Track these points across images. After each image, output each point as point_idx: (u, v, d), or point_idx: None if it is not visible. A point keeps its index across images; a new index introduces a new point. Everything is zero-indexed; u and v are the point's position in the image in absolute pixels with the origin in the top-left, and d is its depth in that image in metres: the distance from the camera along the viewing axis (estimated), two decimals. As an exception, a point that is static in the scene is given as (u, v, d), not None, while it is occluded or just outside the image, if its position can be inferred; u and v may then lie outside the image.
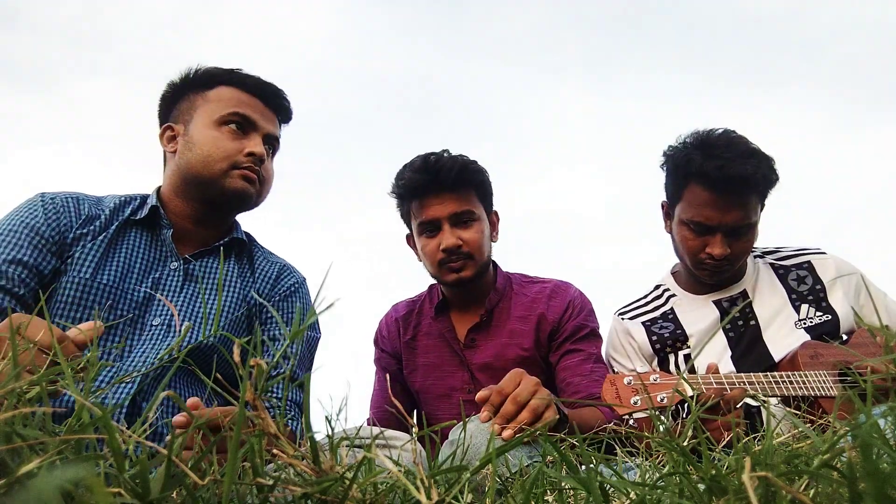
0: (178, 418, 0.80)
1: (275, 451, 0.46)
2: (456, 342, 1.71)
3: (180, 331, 1.21)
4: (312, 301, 1.47)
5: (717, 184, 1.50)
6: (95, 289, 1.17)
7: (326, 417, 0.58)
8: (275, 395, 1.23)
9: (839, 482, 0.41)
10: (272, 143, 1.38)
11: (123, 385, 1.09)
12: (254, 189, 1.31)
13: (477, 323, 1.70)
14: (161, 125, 1.38)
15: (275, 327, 1.34)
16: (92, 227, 1.24)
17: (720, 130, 1.59)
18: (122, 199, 1.33)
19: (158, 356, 1.14)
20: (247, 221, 1.47)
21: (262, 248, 1.48)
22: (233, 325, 1.29)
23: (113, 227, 1.25)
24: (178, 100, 1.37)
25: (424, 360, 1.74)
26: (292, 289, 1.42)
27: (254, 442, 0.45)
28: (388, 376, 1.79)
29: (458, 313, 1.75)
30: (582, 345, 1.63)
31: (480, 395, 1.11)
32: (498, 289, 1.72)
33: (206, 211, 1.32)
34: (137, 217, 1.29)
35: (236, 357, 0.47)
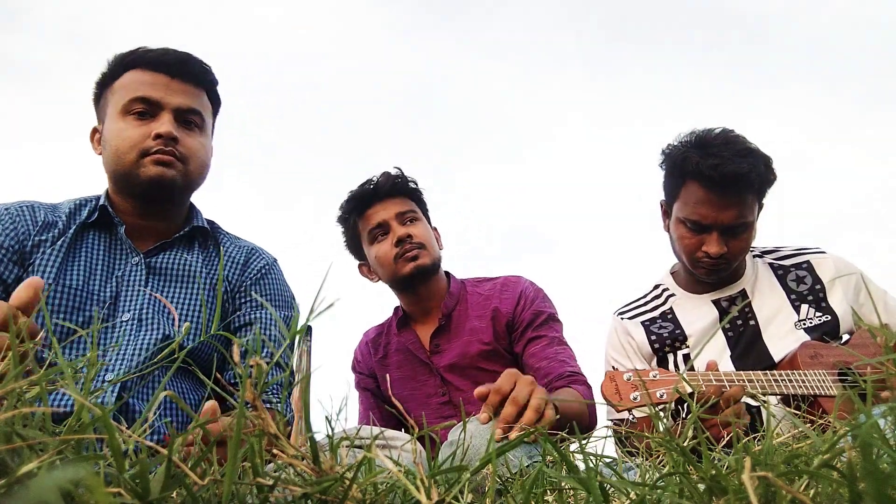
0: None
1: (275, 451, 0.46)
2: (422, 351, 1.77)
3: (164, 322, 1.20)
4: (286, 280, 1.46)
5: (712, 182, 1.50)
6: (60, 292, 1.16)
7: (326, 417, 0.58)
8: (271, 389, 1.23)
9: (839, 482, 0.41)
10: (189, 115, 1.28)
11: (107, 383, 1.08)
12: (173, 171, 1.24)
13: (437, 328, 1.76)
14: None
15: (249, 312, 1.32)
16: (50, 234, 1.23)
17: (718, 129, 1.59)
18: (78, 202, 1.31)
19: (135, 351, 1.14)
20: (243, 219, 1.46)
21: (228, 233, 1.45)
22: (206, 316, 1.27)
23: (71, 231, 1.24)
24: (99, 99, 1.34)
25: (397, 375, 1.80)
26: (263, 271, 1.39)
27: (254, 442, 0.45)
28: (388, 377, 1.81)
29: (419, 324, 1.82)
30: (542, 330, 1.68)
31: (479, 391, 1.12)
32: (453, 293, 1.80)
33: (143, 205, 1.29)
34: (91, 219, 1.27)
35: (236, 357, 0.47)
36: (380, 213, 1.74)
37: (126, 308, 1.20)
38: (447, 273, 1.86)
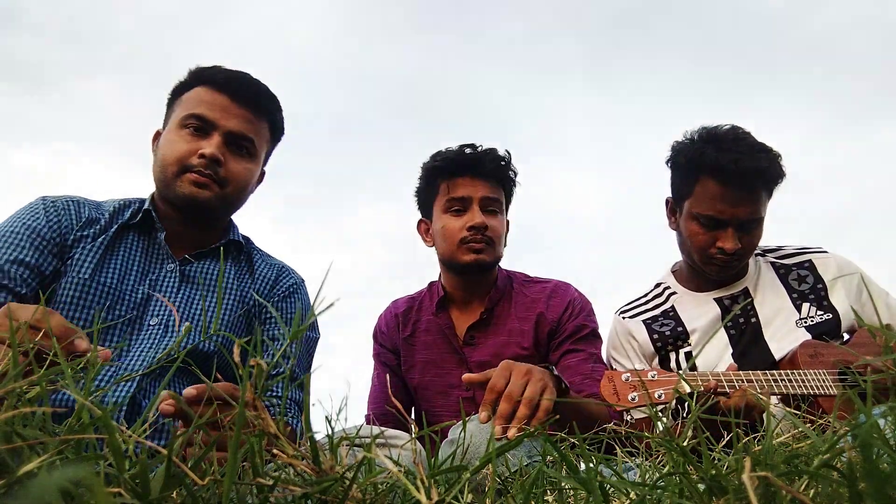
0: (190, 390, 0.77)
1: (275, 451, 0.46)
2: (455, 339, 1.71)
3: (180, 330, 1.22)
4: (311, 302, 1.47)
5: (731, 177, 1.51)
6: (94, 289, 1.19)
7: (326, 417, 0.58)
8: (275, 394, 1.23)
9: (839, 482, 0.41)
10: (240, 140, 1.31)
11: (122, 384, 1.10)
12: (208, 193, 1.26)
13: (477, 321, 1.70)
14: None
15: (274, 328, 1.34)
16: (92, 230, 1.25)
17: (727, 126, 1.60)
18: (122, 202, 1.34)
19: (157, 356, 1.15)
20: (244, 219, 1.47)
21: (261, 250, 1.48)
22: (231, 327, 1.30)
23: (112, 230, 1.27)
24: (169, 107, 1.37)
25: (423, 357, 1.74)
26: (291, 290, 1.42)
27: (254, 442, 0.45)
28: (388, 376, 1.79)
29: (458, 310, 1.75)
30: (582, 345, 1.63)
31: (467, 377, 1.11)
32: (499, 287, 1.73)
33: (184, 214, 1.31)
34: (134, 221, 1.30)
35: (236, 357, 0.47)
36: (468, 186, 1.65)
37: (155, 312, 1.22)
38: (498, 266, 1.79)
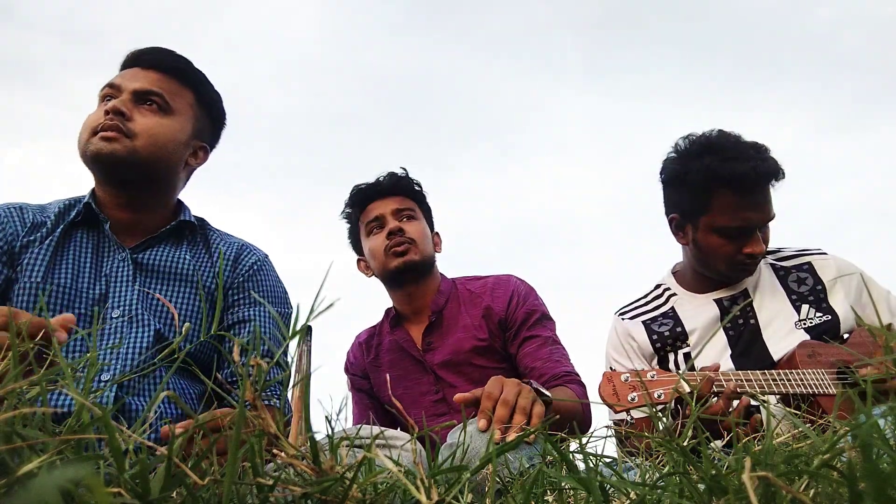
0: (165, 430, 0.78)
1: (275, 451, 0.46)
2: (415, 349, 1.78)
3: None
4: (279, 277, 1.45)
5: (750, 184, 1.51)
6: (50, 291, 1.17)
7: (326, 417, 0.58)
8: (253, 376, 1.22)
9: (839, 482, 0.41)
10: (149, 96, 1.29)
11: (104, 383, 1.09)
12: (116, 145, 1.22)
13: (429, 325, 1.77)
14: None
15: (241, 309, 1.31)
16: (39, 234, 1.24)
17: (714, 132, 1.59)
18: (67, 202, 1.32)
19: (129, 349, 1.14)
20: (245, 219, 1.46)
21: (217, 230, 1.44)
22: (197, 314, 1.27)
23: (58, 230, 1.25)
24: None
25: (390, 375, 1.80)
26: (255, 267, 1.38)
27: (254, 442, 0.45)
28: (388, 377, 1.81)
29: (411, 324, 1.83)
30: (536, 330, 1.69)
31: (459, 397, 1.16)
32: (443, 291, 1.81)
33: (117, 193, 1.29)
34: (78, 218, 1.27)
35: (236, 356, 0.47)
36: (379, 207, 1.80)
37: (115, 305, 1.20)
38: (441, 275, 1.88)
